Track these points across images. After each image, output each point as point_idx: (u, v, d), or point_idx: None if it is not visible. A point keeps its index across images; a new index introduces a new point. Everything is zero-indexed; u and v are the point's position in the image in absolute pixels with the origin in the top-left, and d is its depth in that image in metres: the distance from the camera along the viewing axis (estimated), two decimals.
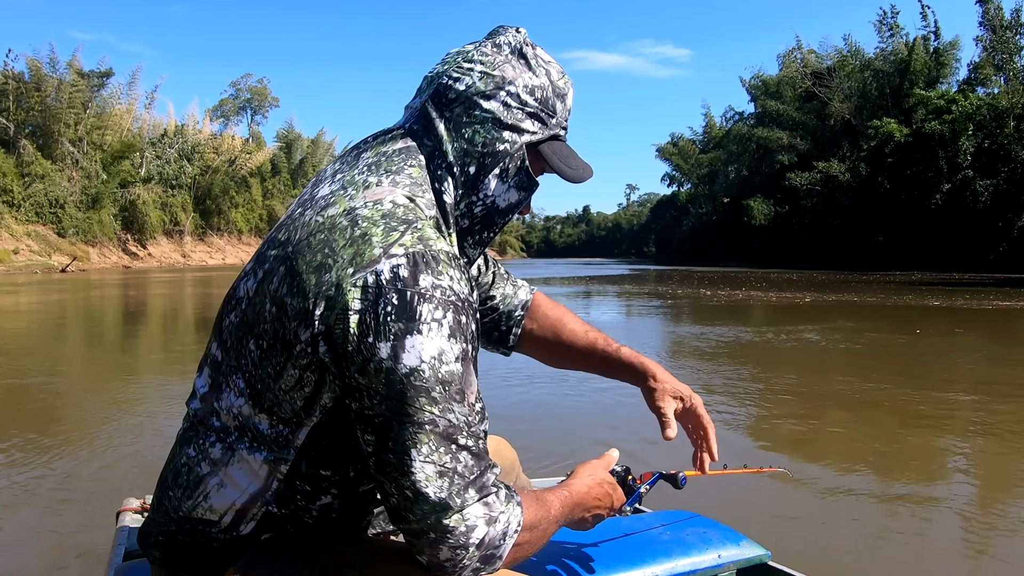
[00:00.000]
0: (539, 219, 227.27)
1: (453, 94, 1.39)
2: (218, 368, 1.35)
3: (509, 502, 1.25)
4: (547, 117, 1.44)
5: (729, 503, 4.30)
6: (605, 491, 1.56)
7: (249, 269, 1.36)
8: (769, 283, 31.31)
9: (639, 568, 1.81)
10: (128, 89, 73.47)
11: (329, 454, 1.30)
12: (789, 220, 64.01)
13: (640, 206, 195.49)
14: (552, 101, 1.44)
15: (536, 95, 1.42)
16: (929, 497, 4.65)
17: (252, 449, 1.28)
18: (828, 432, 6.38)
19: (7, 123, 59.12)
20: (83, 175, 63.71)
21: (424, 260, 1.19)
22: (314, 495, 1.32)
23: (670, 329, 15.44)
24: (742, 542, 2.04)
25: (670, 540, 1.97)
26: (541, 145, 1.45)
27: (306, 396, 1.24)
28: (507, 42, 1.43)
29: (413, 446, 1.17)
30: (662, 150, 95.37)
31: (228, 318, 1.36)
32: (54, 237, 57.64)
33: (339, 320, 1.17)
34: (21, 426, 6.27)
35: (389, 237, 1.21)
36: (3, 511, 4.14)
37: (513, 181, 1.43)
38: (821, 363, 10.16)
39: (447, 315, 1.18)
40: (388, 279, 1.17)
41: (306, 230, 1.27)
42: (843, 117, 62.81)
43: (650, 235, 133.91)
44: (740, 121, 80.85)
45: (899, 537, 4.04)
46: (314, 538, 1.35)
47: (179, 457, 1.36)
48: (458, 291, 1.21)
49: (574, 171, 1.48)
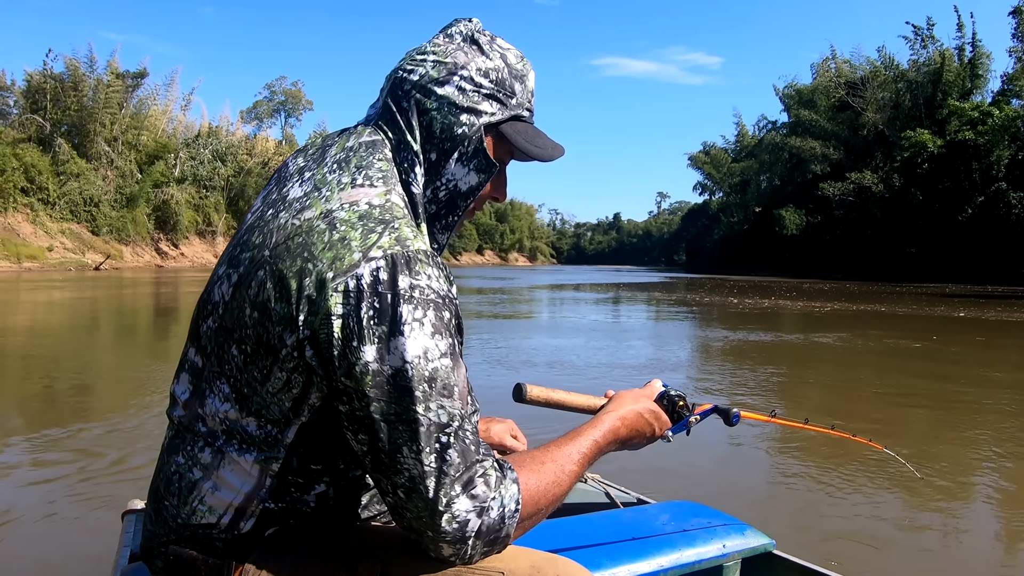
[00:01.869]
0: (569, 225, 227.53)
1: (408, 85, 1.41)
2: (199, 374, 1.35)
3: (500, 485, 1.24)
4: (505, 98, 1.44)
5: (733, 493, 4.34)
6: (644, 421, 1.58)
7: (222, 273, 1.36)
8: (801, 293, 31.13)
9: (644, 559, 1.82)
10: (165, 90, 74.49)
11: (319, 449, 1.31)
12: (821, 230, 63.62)
13: (671, 214, 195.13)
14: (509, 82, 1.45)
15: (491, 77, 1.42)
16: (936, 488, 4.65)
17: (242, 450, 1.29)
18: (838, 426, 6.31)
19: (43, 122, 60.00)
20: (118, 174, 64.49)
21: (403, 261, 1.21)
22: (307, 486, 1.33)
23: (703, 333, 15.43)
24: (747, 531, 2.04)
25: (675, 531, 1.97)
26: (503, 126, 1.45)
27: (294, 397, 1.25)
28: (459, 31, 1.46)
29: (404, 444, 1.18)
30: (694, 159, 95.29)
31: (205, 323, 1.36)
32: (88, 235, 58.38)
33: (323, 325, 1.19)
34: (48, 423, 6.36)
35: (367, 240, 1.23)
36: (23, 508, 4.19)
37: (472, 164, 1.43)
38: (845, 364, 10.13)
39: (428, 313, 1.20)
40: (368, 283, 1.18)
41: (283, 234, 1.28)
42: (876, 127, 62.41)
43: (681, 243, 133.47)
44: (773, 130, 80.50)
45: (904, 527, 4.06)
46: (322, 530, 1.35)
47: (168, 466, 1.37)
48: (437, 288, 1.22)
49: (540, 149, 1.48)
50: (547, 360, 10.48)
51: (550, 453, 1.38)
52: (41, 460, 5.12)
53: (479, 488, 1.21)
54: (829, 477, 4.81)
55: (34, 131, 59.71)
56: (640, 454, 1.81)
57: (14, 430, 6.08)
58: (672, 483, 4.39)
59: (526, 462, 1.33)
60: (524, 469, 1.31)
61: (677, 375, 9.40)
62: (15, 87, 62.84)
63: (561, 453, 1.39)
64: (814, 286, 39.05)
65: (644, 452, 1.72)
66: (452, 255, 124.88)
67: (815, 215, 64.68)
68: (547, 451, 1.38)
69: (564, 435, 1.44)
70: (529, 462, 1.34)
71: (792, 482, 4.76)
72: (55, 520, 3.96)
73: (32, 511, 4.07)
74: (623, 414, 1.55)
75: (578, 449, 1.41)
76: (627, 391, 1.66)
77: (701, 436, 2.02)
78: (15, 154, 54.69)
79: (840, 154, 64.69)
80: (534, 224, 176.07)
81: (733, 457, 5.46)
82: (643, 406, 1.60)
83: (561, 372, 9.32)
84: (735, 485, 4.59)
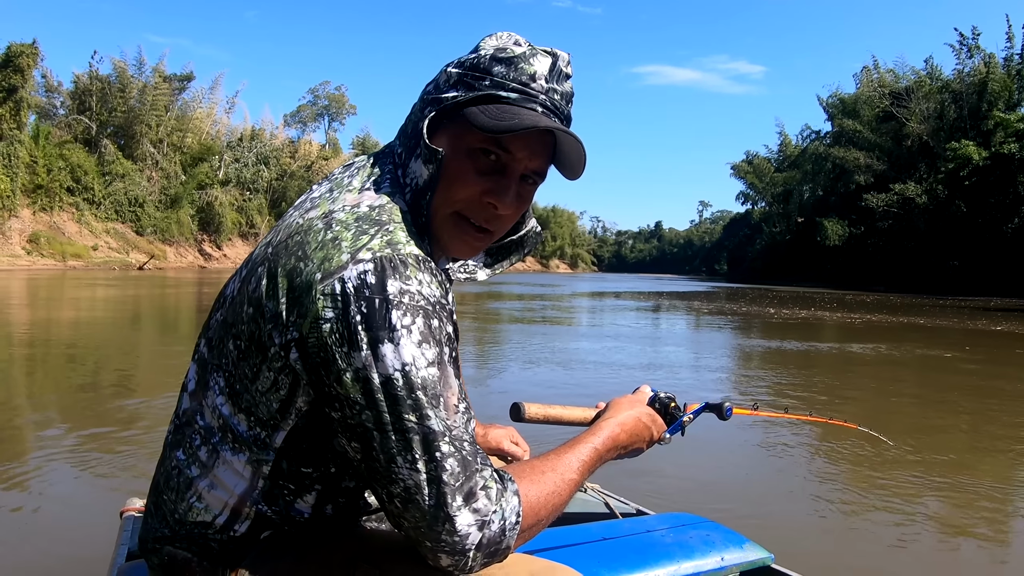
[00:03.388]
0: (611, 233, 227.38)
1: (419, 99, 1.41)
2: (205, 365, 1.35)
3: (501, 498, 1.22)
4: (473, 80, 1.33)
5: (732, 506, 4.29)
6: (642, 425, 1.58)
7: (239, 269, 1.36)
8: (843, 305, 30.81)
9: (642, 570, 1.82)
10: (209, 93, 75.61)
11: (308, 454, 1.29)
12: (864, 241, 62.94)
13: (713, 223, 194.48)
14: (486, 65, 1.33)
15: (465, 65, 1.35)
16: (933, 506, 4.59)
17: (234, 451, 1.28)
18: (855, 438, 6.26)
19: (90, 123, 61.01)
20: (162, 175, 65.63)
21: (392, 265, 1.18)
22: (299, 491, 1.31)
23: (742, 342, 15.36)
24: (745, 545, 2.04)
25: (673, 543, 1.98)
26: (468, 109, 1.31)
27: (281, 399, 1.24)
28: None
29: (398, 454, 1.16)
30: (737, 168, 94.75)
31: (215, 316, 1.36)
32: (132, 235, 59.41)
33: (312, 330, 1.17)
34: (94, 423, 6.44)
35: (358, 241, 1.20)
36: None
37: (420, 154, 1.34)
38: (883, 376, 10.02)
39: (416, 320, 1.17)
40: (356, 286, 1.16)
41: (287, 232, 1.27)
42: (920, 138, 61.66)
43: (722, 253, 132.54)
44: (816, 140, 79.91)
45: (901, 542, 3.99)
46: (318, 534, 1.35)
47: (169, 461, 1.36)
48: (428, 295, 1.19)
49: (496, 121, 1.28)
50: (593, 360, 10.82)
51: (550, 462, 1.36)
52: (49, 458, 5.14)
53: (480, 501, 1.19)
54: (831, 495, 4.76)
55: (80, 132, 60.95)
56: (641, 461, 1.82)
57: (44, 422, 6.21)
58: (671, 496, 4.37)
59: (525, 472, 1.31)
60: (524, 480, 1.29)
61: (717, 377, 9.54)
62: (62, 88, 64.13)
63: (561, 462, 1.37)
64: (856, 298, 38.65)
65: (644, 460, 1.72)
66: None
67: (858, 226, 64.03)
68: (547, 460, 1.36)
69: (563, 444, 1.43)
70: (529, 472, 1.32)
71: (792, 496, 4.73)
72: (54, 515, 3.98)
73: (34, 502, 4.12)
74: (622, 420, 1.54)
75: (578, 457, 1.40)
76: (620, 398, 1.66)
77: (704, 447, 1.99)
78: (61, 154, 55.84)
79: (884, 165, 64.00)
80: (576, 231, 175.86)
81: (734, 468, 5.43)
82: (640, 411, 1.60)
83: (604, 373, 9.60)
84: (735, 497, 4.57)
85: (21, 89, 49.05)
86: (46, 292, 25.59)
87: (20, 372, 9.06)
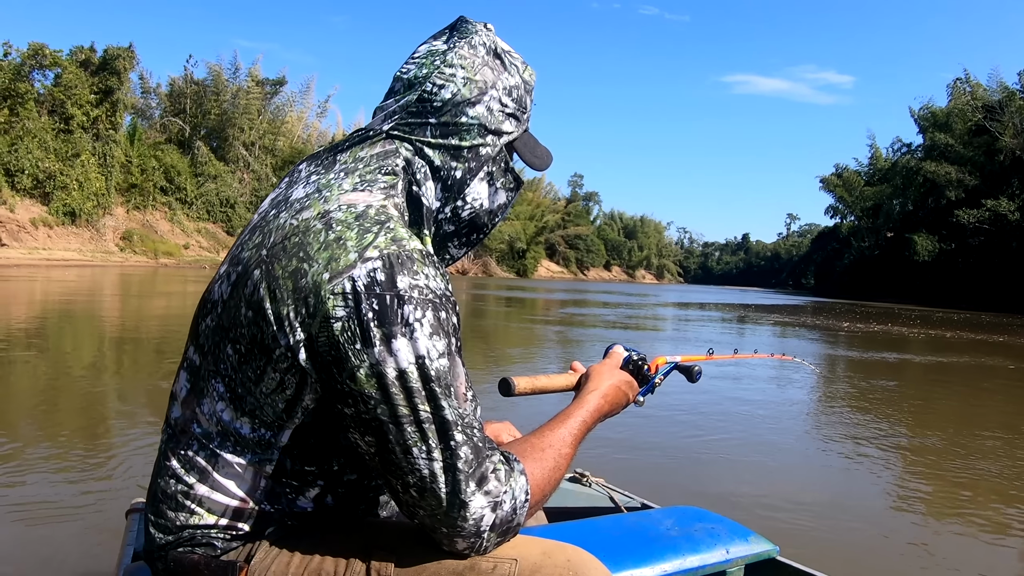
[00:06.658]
0: (697, 244, 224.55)
1: (439, 102, 1.41)
2: (197, 373, 1.35)
3: (510, 478, 1.28)
4: (521, 114, 1.49)
5: (737, 499, 4.35)
6: (621, 393, 1.66)
7: (223, 272, 1.36)
8: (931, 323, 29.89)
9: (648, 564, 1.81)
10: (301, 97, 76.79)
11: (312, 452, 1.32)
12: (955, 258, 61.12)
13: (800, 236, 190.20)
14: (525, 99, 1.50)
15: (513, 95, 1.47)
16: (940, 499, 4.65)
17: (236, 452, 1.30)
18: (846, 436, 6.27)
19: (184, 125, 62.52)
20: (253, 177, 66.94)
21: (399, 261, 1.20)
22: (302, 488, 1.34)
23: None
24: (750, 537, 2.04)
25: (678, 536, 1.96)
26: (516, 141, 1.51)
27: (287, 399, 1.25)
28: (481, 43, 1.46)
29: (414, 445, 1.20)
30: (827, 182, 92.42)
31: (204, 322, 1.36)
32: (223, 235, 60.67)
33: (322, 329, 1.19)
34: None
35: (363, 240, 1.22)
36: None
37: (500, 183, 1.49)
38: None
39: (427, 314, 1.20)
40: (366, 284, 1.18)
41: (280, 233, 1.28)
42: (1014, 153, 59.70)
43: (810, 266, 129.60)
44: (908, 153, 77.81)
45: (906, 537, 4.06)
46: (331, 525, 1.38)
47: (165, 471, 1.35)
48: (435, 288, 1.22)
49: (540, 160, 1.55)
50: None
51: (546, 439, 1.42)
52: (54, 455, 5.07)
53: (492, 484, 1.24)
54: (838, 484, 4.82)
55: (175, 133, 62.50)
56: (642, 457, 1.87)
57: (106, 415, 6.49)
58: (676, 491, 4.35)
59: (527, 451, 1.37)
60: (528, 459, 1.35)
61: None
62: (160, 89, 65.81)
63: (556, 437, 1.43)
64: (946, 315, 37.58)
65: (646, 456, 1.78)
66: (580, 270, 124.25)
67: (948, 242, 62.26)
68: (543, 437, 1.43)
69: (553, 418, 1.50)
70: (531, 451, 1.38)
71: (798, 489, 4.75)
72: (62, 516, 3.90)
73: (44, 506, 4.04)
74: (604, 391, 1.62)
75: (570, 431, 1.46)
76: (599, 365, 1.73)
77: (706, 442, 2.03)
78: (155, 155, 57.44)
79: (976, 180, 62.11)
80: (662, 242, 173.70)
81: (738, 462, 5.45)
82: (618, 378, 1.67)
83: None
84: (739, 491, 4.58)
85: (117, 91, 50.74)
86: (137, 288, 26.31)
87: (111, 361, 9.48)
